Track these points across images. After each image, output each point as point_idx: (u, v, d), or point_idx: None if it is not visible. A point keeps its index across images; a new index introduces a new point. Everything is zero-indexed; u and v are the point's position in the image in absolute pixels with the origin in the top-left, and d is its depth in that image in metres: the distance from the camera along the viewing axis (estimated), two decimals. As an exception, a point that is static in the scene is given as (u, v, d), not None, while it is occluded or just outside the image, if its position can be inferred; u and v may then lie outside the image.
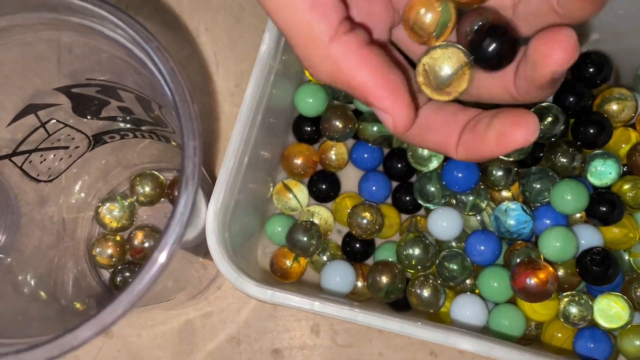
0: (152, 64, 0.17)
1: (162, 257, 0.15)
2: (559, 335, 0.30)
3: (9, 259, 0.26)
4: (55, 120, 0.25)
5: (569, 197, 0.29)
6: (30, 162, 0.26)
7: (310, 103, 0.32)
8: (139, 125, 0.27)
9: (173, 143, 0.28)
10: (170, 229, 0.15)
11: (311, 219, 0.32)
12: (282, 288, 0.24)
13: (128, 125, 0.27)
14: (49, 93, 0.23)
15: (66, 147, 0.27)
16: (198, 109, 0.34)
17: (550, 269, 0.28)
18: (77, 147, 0.28)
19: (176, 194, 0.31)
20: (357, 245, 0.32)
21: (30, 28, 0.20)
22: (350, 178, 0.34)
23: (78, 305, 0.30)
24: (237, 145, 0.24)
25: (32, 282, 0.27)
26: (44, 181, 0.28)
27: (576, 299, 0.29)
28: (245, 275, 0.22)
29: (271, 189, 0.33)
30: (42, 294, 0.28)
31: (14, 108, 0.23)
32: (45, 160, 0.27)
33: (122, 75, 0.22)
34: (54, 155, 0.27)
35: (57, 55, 0.21)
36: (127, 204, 0.31)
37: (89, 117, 0.26)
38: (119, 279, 0.30)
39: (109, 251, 0.31)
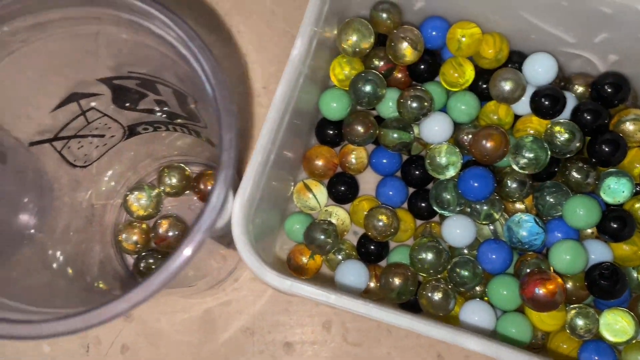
0: (195, 61, 0.18)
1: (195, 241, 0.17)
2: (565, 346, 0.30)
3: (40, 236, 0.28)
4: (95, 109, 0.27)
5: (581, 212, 0.30)
6: (69, 147, 0.27)
7: (334, 107, 0.33)
8: (173, 118, 0.28)
9: (202, 138, 0.30)
10: (204, 216, 0.17)
11: (329, 219, 0.33)
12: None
13: (162, 118, 0.28)
14: (92, 83, 0.25)
15: (102, 136, 0.29)
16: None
17: (559, 280, 0.28)
18: (112, 137, 0.29)
19: (202, 186, 0.32)
20: (372, 246, 0.33)
21: (81, 21, 0.22)
22: (368, 182, 0.35)
23: (102, 285, 0.31)
24: (265, 143, 0.25)
25: (61, 259, 0.29)
26: (79, 167, 0.29)
27: (583, 311, 0.30)
28: (267, 265, 0.24)
29: (292, 187, 0.34)
30: (69, 270, 0.29)
31: (59, 95, 0.25)
32: (82, 146, 0.28)
33: (162, 69, 0.23)
34: (91, 142, 0.29)
35: (104, 48, 0.23)
36: (154, 193, 0.33)
37: (126, 108, 0.27)
38: (142, 264, 0.31)
39: (134, 238, 0.32)
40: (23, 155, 0.26)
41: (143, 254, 0.32)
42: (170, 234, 0.32)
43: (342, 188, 0.34)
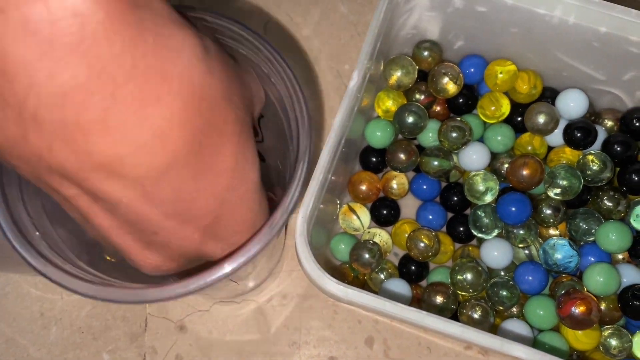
0: (289, 101, 0.21)
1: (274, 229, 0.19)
2: (599, 365, 0.32)
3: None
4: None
5: (613, 237, 0.32)
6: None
7: (379, 136, 0.35)
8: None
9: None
10: (277, 213, 0.19)
11: (373, 240, 0.35)
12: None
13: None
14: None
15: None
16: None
17: (594, 299, 0.30)
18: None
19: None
20: (413, 266, 0.35)
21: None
22: (409, 206, 0.37)
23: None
24: (326, 165, 0.28)
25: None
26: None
27: (617, 332, 0.31)
28: (326, 274, 0.26)
29: (338, 209, 0.36)
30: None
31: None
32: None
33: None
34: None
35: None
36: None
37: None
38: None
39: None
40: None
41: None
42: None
43: (385, 211, 0.36)
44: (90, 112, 0.14)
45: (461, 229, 0.35)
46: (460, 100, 0.36)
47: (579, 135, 0.33)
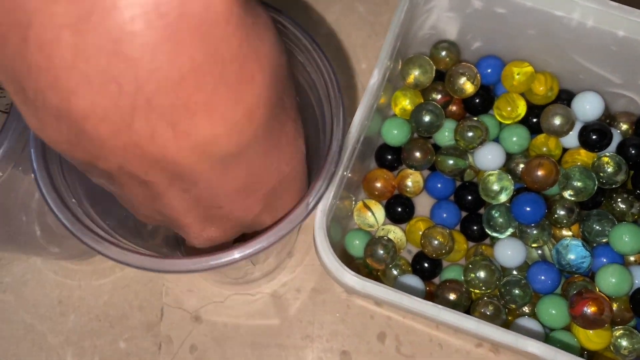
0: (324, 90, 0.21)
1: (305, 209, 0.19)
2: (610, 365, 0.32)
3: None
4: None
5: (626, 239, 0.32)
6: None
7: (395, 134, 0.36)
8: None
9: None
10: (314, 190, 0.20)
11: (387, 236, 0.35)
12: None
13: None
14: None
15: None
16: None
17: (607, 299, 0.30)
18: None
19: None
20: (426, 264, 0.35)
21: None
22: (423, 204, 0.37)
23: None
24: (345, 162, 0.28)
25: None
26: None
27: (628, 333, 0.31)
28: (344, 267, 0.26)
29: (353, 206, 0.37)
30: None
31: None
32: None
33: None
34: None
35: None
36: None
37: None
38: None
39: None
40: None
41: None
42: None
43: (399, 209, 0.36)
44: (200, 94, 0.13)
45: (475, 227, 0.36)
46: (477, 101, 0.37)
47: (594, 137, 0.34)
